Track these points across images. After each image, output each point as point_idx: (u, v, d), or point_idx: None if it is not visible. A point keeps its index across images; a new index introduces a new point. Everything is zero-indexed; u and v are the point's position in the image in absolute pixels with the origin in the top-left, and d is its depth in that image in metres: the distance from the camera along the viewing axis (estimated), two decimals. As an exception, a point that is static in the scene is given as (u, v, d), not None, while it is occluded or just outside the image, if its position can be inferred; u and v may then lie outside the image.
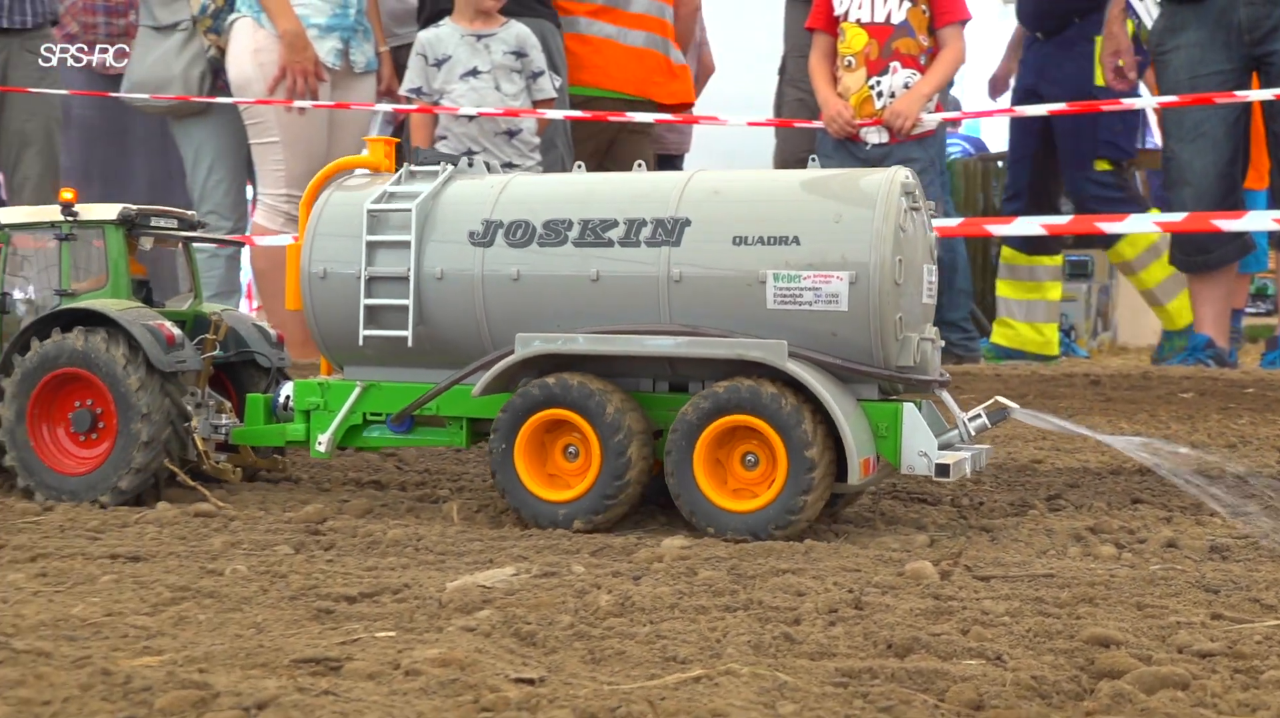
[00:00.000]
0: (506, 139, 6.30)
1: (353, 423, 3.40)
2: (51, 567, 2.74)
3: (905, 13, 6.15)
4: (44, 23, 6.54)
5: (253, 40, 6.10)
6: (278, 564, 2.75)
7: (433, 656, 2.07)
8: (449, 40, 6.26)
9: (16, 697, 1.93)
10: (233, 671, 2.05)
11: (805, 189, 3.17)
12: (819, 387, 2.90)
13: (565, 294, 3.16)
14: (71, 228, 3.65)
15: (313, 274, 3.39)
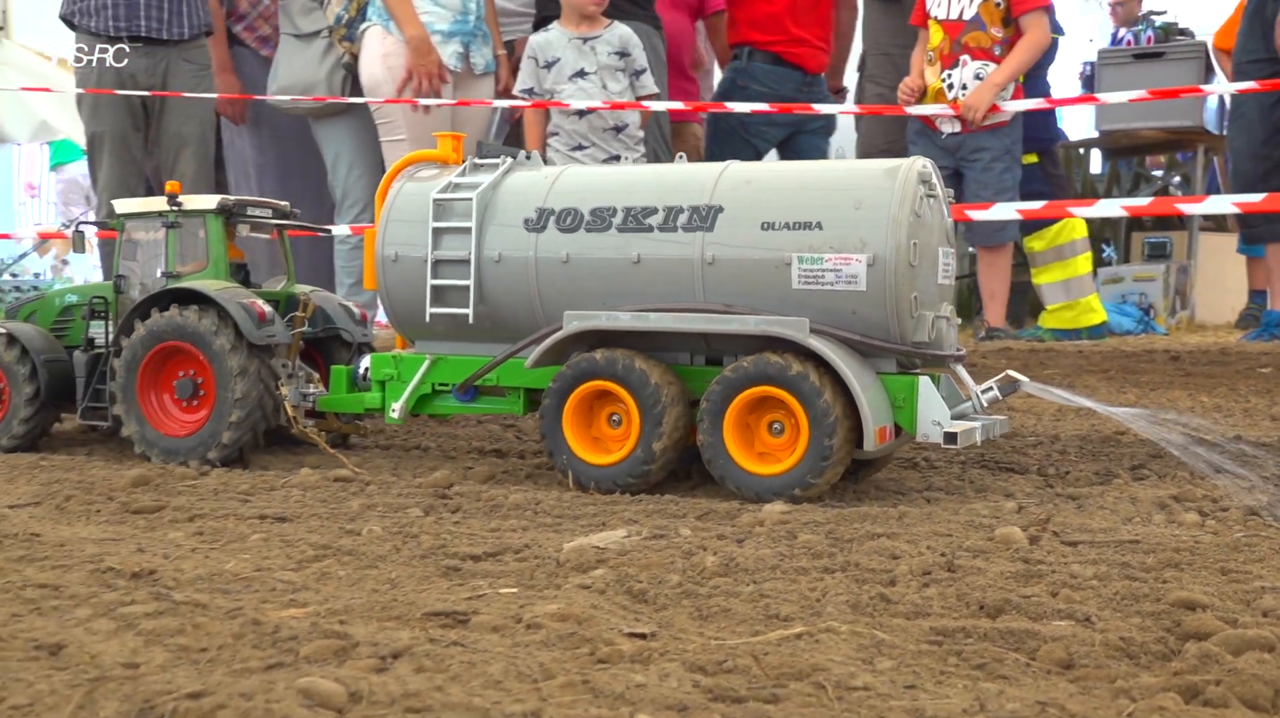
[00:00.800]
0: (613, 134, 6.28)
1: (423, 392, 3.47)
2: (207, 526, 2.79)
3: (976, 8, 6.02)
4: (199, 34, 6.65)
5: (382, 46, 6.16)
6: (409, 526, 2.77)
7: (552, 611, 2.07)
8: (557, 43, 6.25)
9: (176, 644, 1.97)
10: (370, 622, 2.07)
11: (829, 178, 3.19)
12: (838, 360, 2.92)
13: (610, 275, 3.20)
14: (177, 217, 3.76)
15: (385, 257, 3.47)
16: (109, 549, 2.56)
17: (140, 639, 1.98)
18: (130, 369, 3.61)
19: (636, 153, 6.36)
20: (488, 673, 1.80)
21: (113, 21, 6.43)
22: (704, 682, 1.78)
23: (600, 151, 6.31)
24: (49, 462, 3.56)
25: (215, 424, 3.54)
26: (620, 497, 3.07)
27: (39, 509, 2.98)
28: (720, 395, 3.01)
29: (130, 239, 3.88)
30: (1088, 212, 5.96)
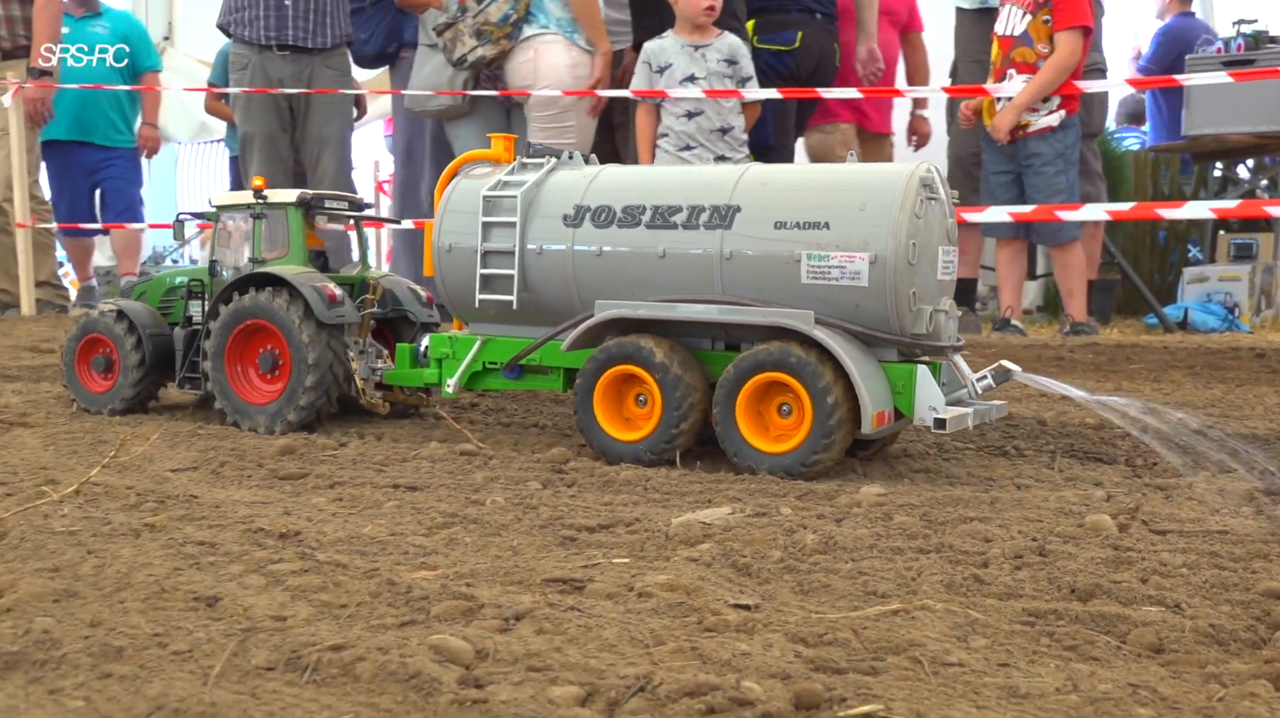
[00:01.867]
0: (719, 136, 6.24)
1: (475, 370, 3.57)
2: (346, 493, 2.84)
3: (1026, 24, 5.86)
4: (340, 43, 6.76)
5: (568, 57, 6.17)
6: (529, 498, 2.78)
7: (662, 581, 2.06)
8: (670, 50, 6.23)
9: (319, 600, 2.00)
10: (494, 586, 2.08)
11: (837, 181, 3.20)
12: (839, 349, 2.97)
13: (638, 268, 3.28)
14: (262, 208, 3.90)
15: (441, 248, 3.58)
16: (259, 512, 2.61)
17: (287, 595, 2.02)
18: (219, 345, 3.77)
19: (740, 154, 6.32)
20: (603, 637, 1.80)
21: (264, 31, 6.58)
22: (805, 653, 1.76)
23: (707, 152, 6.28)
24: (205, 430, 3.65)
25: (290, 393, 3.69)
26: (725, 475, 3.05)
27: (197, 473, 3.06)
28: (733, 380, 3.07)
29: (224, 229, 4.02)
30: (1176, 213, 5.77)
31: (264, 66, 6.62)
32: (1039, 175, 5.94)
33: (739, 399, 3.07)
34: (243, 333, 3.76)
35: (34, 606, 1.94)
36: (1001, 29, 5.98)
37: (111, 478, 2.92)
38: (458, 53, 6.41)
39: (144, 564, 2.18)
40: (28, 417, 3.85)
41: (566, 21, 6.25)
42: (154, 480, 2.94)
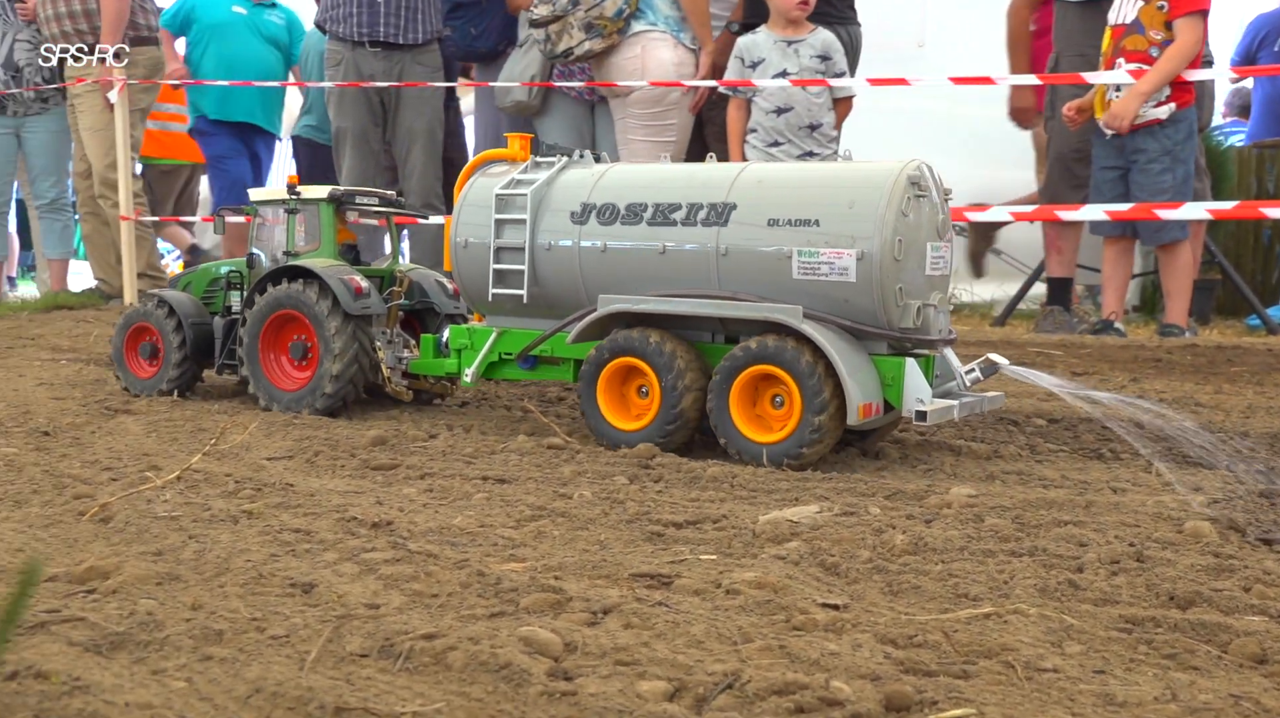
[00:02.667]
0: (808, 132, 6.19)
1: (491, 360, 3.69)
2: (436, 484, 2.88)
3: (1137, 11, 5.68)
4: (432, 39, 6.84)
5: (674, 55, 6.20)
6: (616, 492, 2.79)
7: (749, 578, 2.05)
8: (763, 45, 6.20)
9: (411, 589, 2.03)
10: (581, 579, 2.09)
11: (829, 180, 3.26)
12: (825, 343, 3.04)
13: (640, 264, 3.37)
14: (296, 204, 4.04)
15: (457, 243, 3.69)
16: (352, 501, 2.66)
17: (380, 583, 2.06)
18: (254, 333, 3.92)
19: (829, 150, 6.27)
20: (690, 633, 1.80)
21: (356, 27, 6.70)
22: (895, 654, 1.74)
23: (794, 148, 6.24)
24: (300, 420, 3.72)
25: (318, 380, 3.82)
26: (811, 474, 3.03)
27: (292, 462, 3.13)
28: (727, 372, 3.16)
29: (262, 223, 4.16)
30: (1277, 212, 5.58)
31: (356, 62, 6.74)
32: (1144, 173, 5.76)
33: (732, 390, 3.15)
34: (275, 322, 3.91)
35: (138, 588, 2.00)
36: (1114, 18, 5.81)
37: (211, 465, 2.99)
38: (563, 46, 6.39)
39: (242, 550, 2.23)
40: (131, 404, 3.96)
41: (674, 20, 6.26)
42: (251, 468, 3.00)
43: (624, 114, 6.38)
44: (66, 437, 3.42)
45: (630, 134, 6.36)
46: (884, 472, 3.12)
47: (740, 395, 3.15)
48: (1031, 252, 7.20)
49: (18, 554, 2.21)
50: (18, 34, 7.86)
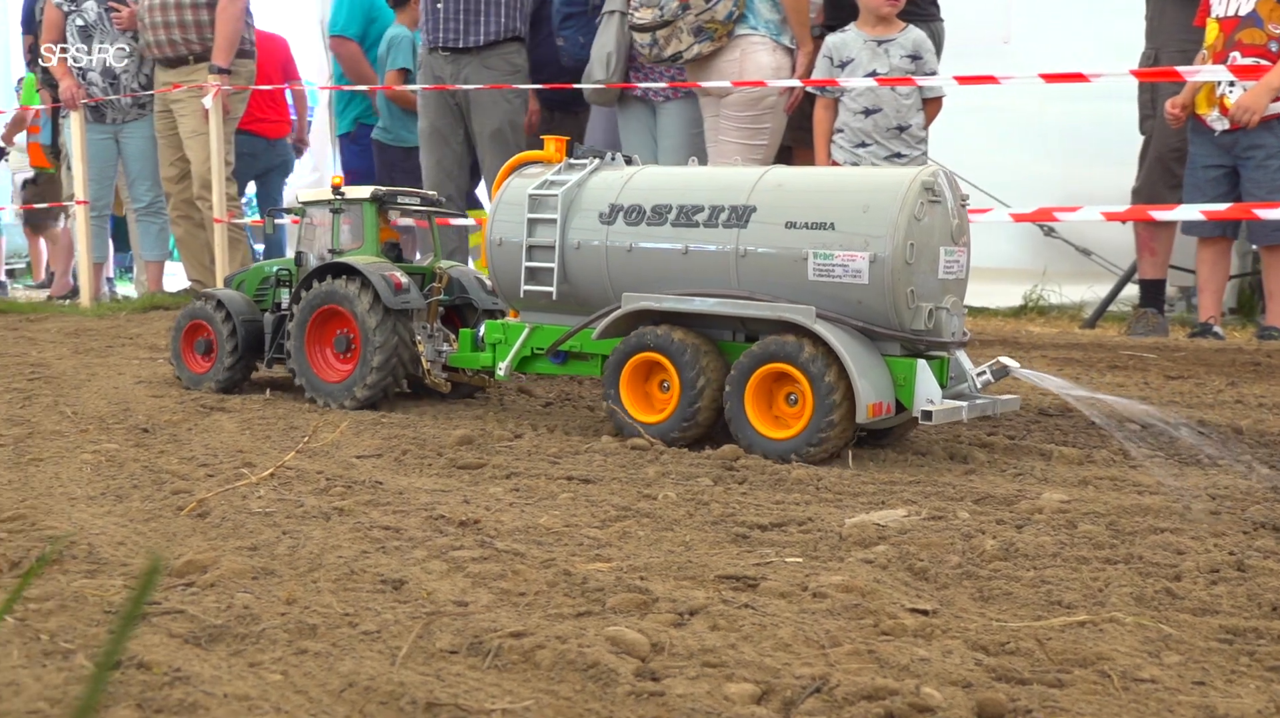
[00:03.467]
0: (896, 133, 6.13)
1: (524, 354, 3.80)
2: (522, 483, 2.90)
3: (1254, 3, 5.49)
4: (500, 40, 6.89)
5: (773, 58, 6.20)
6: (700, 493, 2.79)
7: (836, 582, 2.04)
8: (853, 44, 6.16)
9: (499, 587, 2.05)
10: (667, 580, 2.09)
11: (846, 184, 3.36)
12: (836, 343, 3.11)
13: (664, 263, 3.47)
14: (340, 204, 4.17)
15: (492, 242, 3.81)
16: (440, 499, 2.69)
17: (468, 581, 2.08)
18: (300, 327, 4.07)
19: (917, 151, 6.20)
20: (777, 636, 1.79)
21: (426, 33, 6.84)
22: (986, 661, 1.71)
23: (881, 149, 6.18)
24: (389, 419, 3.78)
25: (360, 372, 3.96)
26: (898, 476, 3.00)
27: (381, 461, 3.17)
28: (743, 369, 3.24)
29: (310, 222, 4.31)
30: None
31: (431, 66, 6.87)
32: (1261, 169, 5.56)
33: (748, 387, 3.23)
34: (320, 317, 4.04)
35: (235, 582, 2.04)
36: (1221, 10, 5.65)
37: (303, 463, 3.05)
38: (671, 50, 6.41)
39: (334, 547, 2.27)
40: (225, 402, 4.06)
41: (774, 23, 6.25)
42: (341, 466, 3.06)
43: (717, 115, 6.37)
44: (165, 434, 3.51)
45: (723, 135, 6.36)
46: (972, 476, 3.08)
47: (755, 392, 3.23)
48: (1123, 253, 7.04)
49: (119, 548, 2.28)
50: (115, 43, 8.09)
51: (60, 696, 1.51)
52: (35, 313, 7.27)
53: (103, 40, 8.07)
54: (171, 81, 7.73)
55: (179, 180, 7.91)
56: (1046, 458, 3.31)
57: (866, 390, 3.08)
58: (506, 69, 6.95)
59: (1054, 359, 5.01)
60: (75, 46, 8.09)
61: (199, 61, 7.68)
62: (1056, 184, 7.78)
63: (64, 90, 8.06)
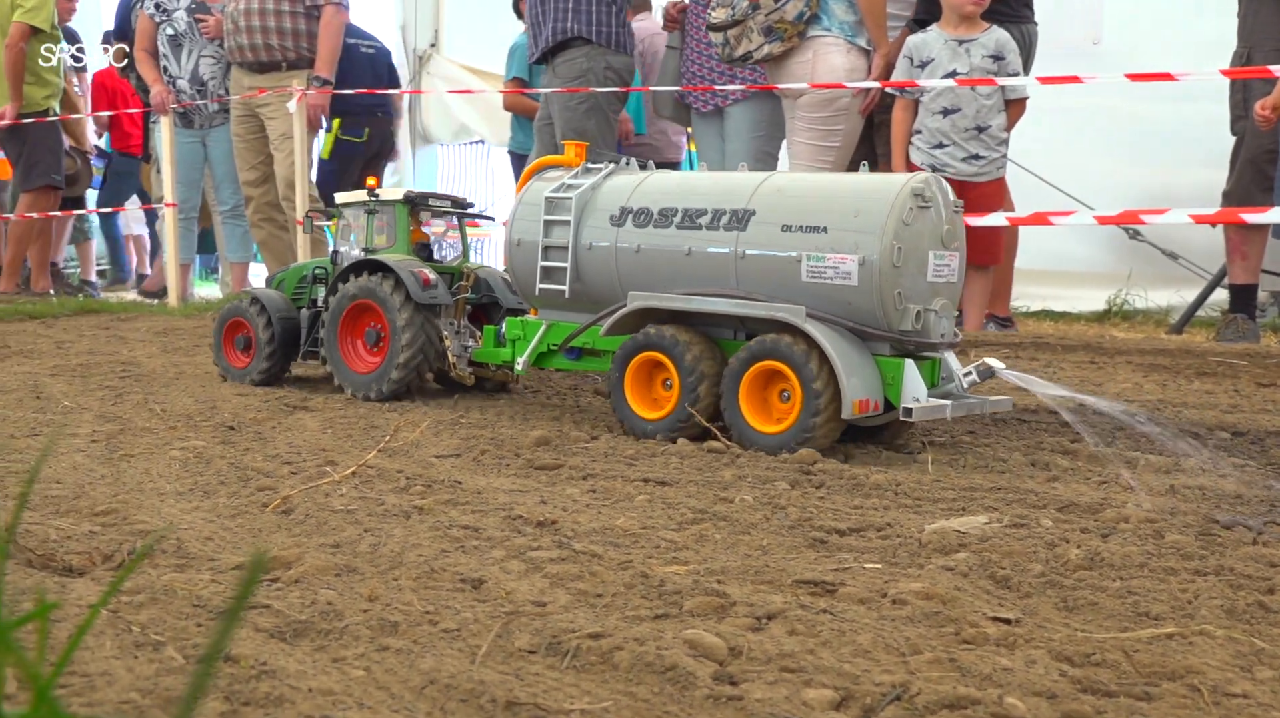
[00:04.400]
0: (975, 134, 6.05)
1: (541, 350, 3.97)
2: (599, 485, 2.91)
3: None
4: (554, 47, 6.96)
5: (847, 60, 6.18)
6: (777, 498, 2.78)
7: (916, 588, 2.01)
8: (934, 45, 6.09)
9: (576, 588, 2.06)
10: (744, 584, 2.09)
11: (840, 190, 3.47)
12: (824, 341, 3.24)
13: (669, 264, 3.62)
14: (374, 204, 4.39)
15: (512, 242, 3.99)
16: (517, 499, 2.71)
17: (546, 581, 2.09)
18: (334, 321, 4.27)
19: (998, 154, 6.11)
20: (856, 642, 1.78)
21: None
22: (1071, 672, 1.68)
23: (960, 151, 6.10)
24: (467, 420, 3.82)
25: (388, 364, 4.14)
26: (978, 482, 2.96)
27: (459, 460, 3.21)
28: (738, 366, 3.39)
29: (346, 223, 4.52)
30: None
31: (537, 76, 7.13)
32: None
33: (742, 384, 3.37)
34: (353, 311, 4.24)
35: (318, 578, 2.08)
36: None
37: (383, 462, 3.10)
38: (741, 50, 6.42)
39: (414, 545, 2.30)
40: (308, 401, 4.13)
41: (849, 25, 6.21)
42: (421, 466, 3.10)
43: (793, 116, 6.37)
44: (250, 432, 3.59)
45: (796, 136, 6.34)
46: (1055, 483, 3.02)
47: (750, 389, 3.37)
48: (1211, 257, 6.87)
49: (207, 543, 2.33)
50: (203, 50, 8.30)
51: (151, 686, 1.54)
52: (125, 313, 7.46)
53: (191, 49, 8.27)
54: (258, 86, 7.89)
55: (260, 184, 8.08)
56: (1133, 466, 3.24)
57: (853, 388, 3.20)
58: (569, 74, 7.00)
59: (1139, 365, 4.91)
60: (165, 55, 8.32)
61: (291, 69, 7.83)
62: (1142, 186, 7.62)
63: (154, 96, 8.29)
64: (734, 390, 3.39)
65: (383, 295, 4.13)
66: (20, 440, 3.41)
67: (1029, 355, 5.30)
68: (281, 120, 7.75)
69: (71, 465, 3.07)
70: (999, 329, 6.35)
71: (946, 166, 6.12)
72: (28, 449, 3.26)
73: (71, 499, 2.67)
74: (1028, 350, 5.39)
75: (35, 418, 3.79)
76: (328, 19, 7.77)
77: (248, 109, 8.01)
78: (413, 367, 4.12)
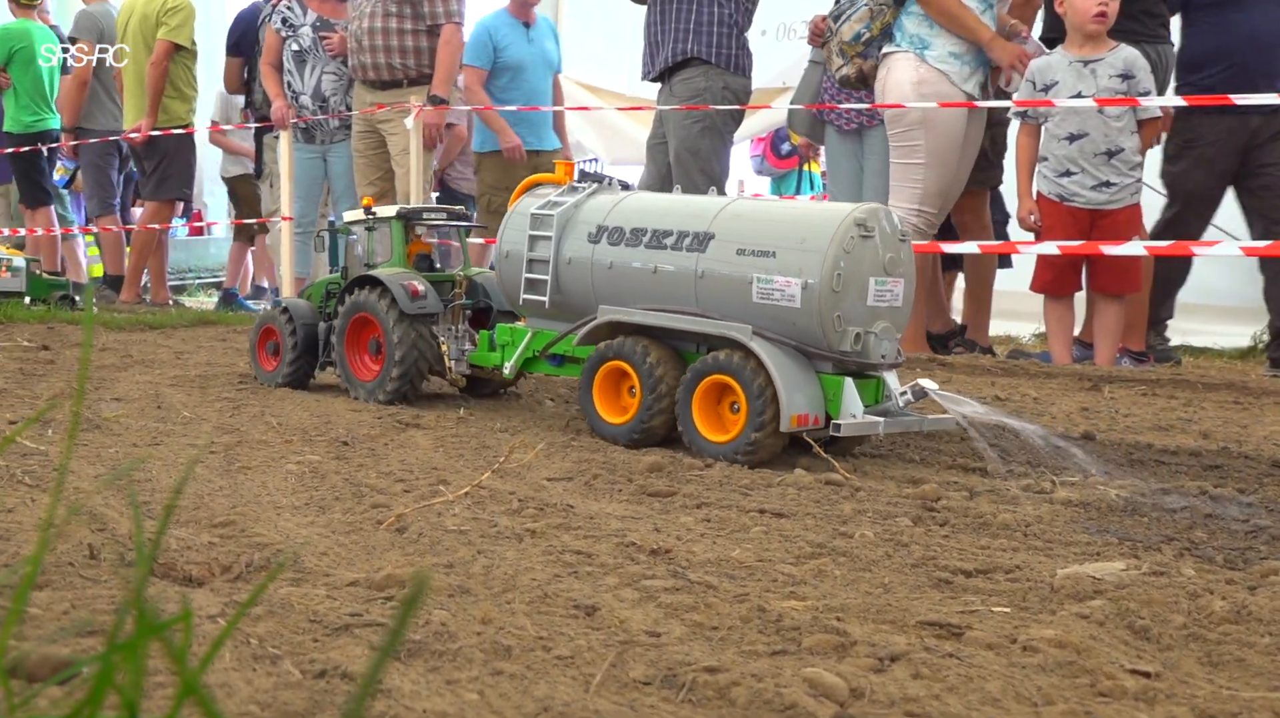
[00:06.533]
0: (1105, 159, 5.92)
1: (527, 356, 4.33)
2: (713, 514, 2.91)
3: None
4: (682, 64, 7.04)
5: (916, 74, 6.15)
6: (899, 534, 2.74)
7: (1049, 636, 1.96)
8: (1057, 67, 5.98)
9: (691, 619, 2.06)
10: (865, 623, 2.06)
11: (790, 217, 3.82)
12: (767, 358, 3.56)
13: (638, 280, 3.96)
14: (372, 222, 4.80)
15: (500, 254, 4.37)
16: (630, 526, 2.72)
17: (660, 611, 2.09)
18: (341, 332, 4.66)
19: (1131, 179, 5.96)
20: (985, 689, 1.74)
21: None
22: (1217, 732, 1.62)
23: (1089, 178, 5.97)
24: (579, 443, 3.85)
25: (385, 371, 4.53)
26: (1114, 524, 2.88)
27: (571, 484, 3.23)
28: (691, 378, 3.72)
29: (353, 240, 4.94)
30: None
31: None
32: None
33: (695, 395, 3.70)
34: (356, 323, 4.64)
35: (432, 598, 2.11)
36: None
37: (496, 483, 3.14)
38: (832, 70, 6.57)
39: (527, 568, 2.32)
40: (421, 418, 4.21)
41: (919, 38, 6.18)
42: (533, 488, 3.13)
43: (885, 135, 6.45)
44: (363, 447, 3.67)
45: (890, 155, 6.39)
46: (1197, 530, 2.92)
47: (703, 400, 3.69)
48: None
49: (322, 558, 2.39)
50: (325, 67, 8.54)
51: (270, 700, 1.58)
52: (243, 325, 7.70)
53: (315, 65, 8.53)
54: (377, 103, 8.10)
55: (378, 200, 8.27)
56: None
57: (791, 403, 3.52)
58: (686, 94, 7.08)
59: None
60: (289, 70, 8.59)
61: (412, 85, 8.04)
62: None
63: (275, 111, 8.56)
64: (688, 401, 3.71)
65: (376, 308, 4.52)
66: (142, 449, 3.54)
67: (1166, 394, 5.14)
68: (402, 136, 7.96)
69: (190, 476, 3.18)
70: (1134, 365, 6.17)
71: (1075, 196, 5.99)
72: (150, 459, 3.38)
73: (191, 510, 2.76)
74: (1165, 388, 5.23)
75: (156, 427, 3.93)
76: (446, 38, 7.96)
77: (369, 125, 8.23)
78: (407, 374, 4.50)
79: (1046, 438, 3.63)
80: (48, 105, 10.45)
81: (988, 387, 5.30)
